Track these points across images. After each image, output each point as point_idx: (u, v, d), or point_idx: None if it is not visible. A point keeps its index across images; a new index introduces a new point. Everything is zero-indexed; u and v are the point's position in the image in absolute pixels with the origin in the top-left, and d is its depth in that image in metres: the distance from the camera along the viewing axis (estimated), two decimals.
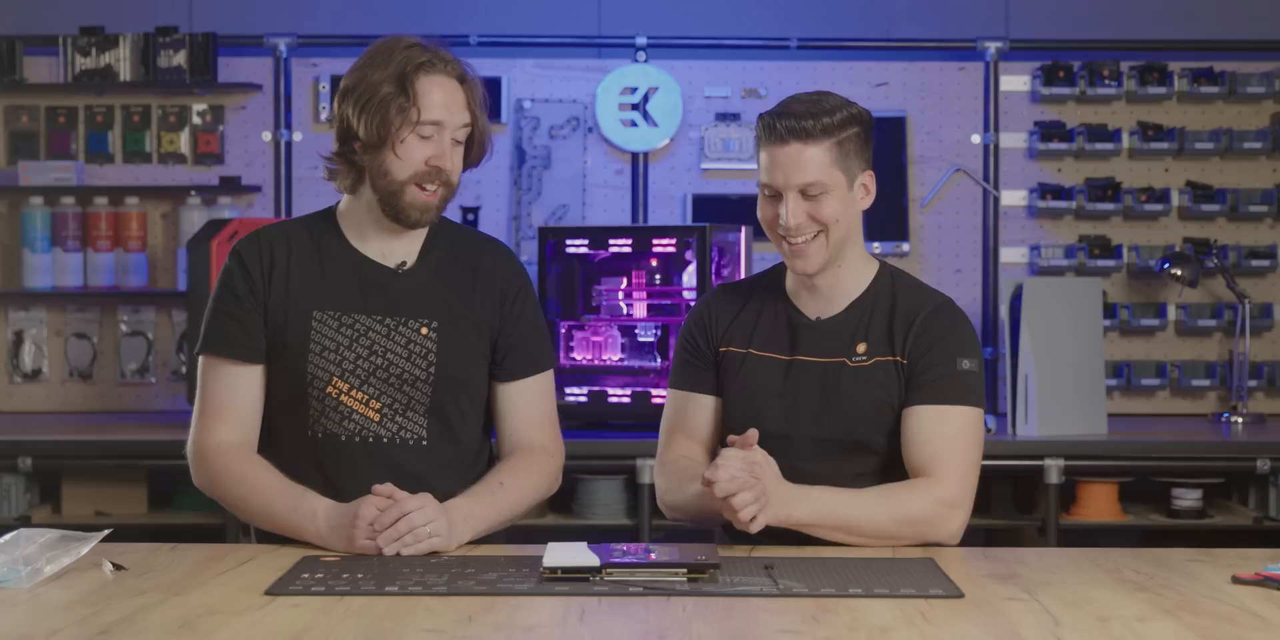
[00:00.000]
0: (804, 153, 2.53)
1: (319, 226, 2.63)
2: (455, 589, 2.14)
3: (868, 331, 2.62)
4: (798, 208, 2.55)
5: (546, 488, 2.66)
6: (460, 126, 2.55)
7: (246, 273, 2.58)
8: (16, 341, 5.18)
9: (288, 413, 2.58)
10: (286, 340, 2.55)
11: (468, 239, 2.71)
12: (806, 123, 2.52)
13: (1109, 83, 5.12)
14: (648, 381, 4.52)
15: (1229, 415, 4.91)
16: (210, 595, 2.13)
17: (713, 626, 1.95)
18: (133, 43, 5.04)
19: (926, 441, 2.54)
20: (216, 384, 2.56)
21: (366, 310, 2.57)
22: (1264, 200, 5.12)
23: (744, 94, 5.20)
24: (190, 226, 4.98)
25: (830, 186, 2.54)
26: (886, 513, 2.47)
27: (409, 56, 2.53)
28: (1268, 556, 2.40)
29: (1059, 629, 1.95)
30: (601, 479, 4.53)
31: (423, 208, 2.55)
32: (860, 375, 2.60)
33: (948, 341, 2.58)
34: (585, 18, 5.32)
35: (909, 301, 2.63)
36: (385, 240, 2.61)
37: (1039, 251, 5.15)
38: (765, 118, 2.57)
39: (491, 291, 2.64)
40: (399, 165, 2.52)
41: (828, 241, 2.57)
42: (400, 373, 2.56)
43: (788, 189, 2.55)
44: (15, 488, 4.45)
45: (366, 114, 2.51)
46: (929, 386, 2.56)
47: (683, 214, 5.17)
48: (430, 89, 2.52)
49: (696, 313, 2.75)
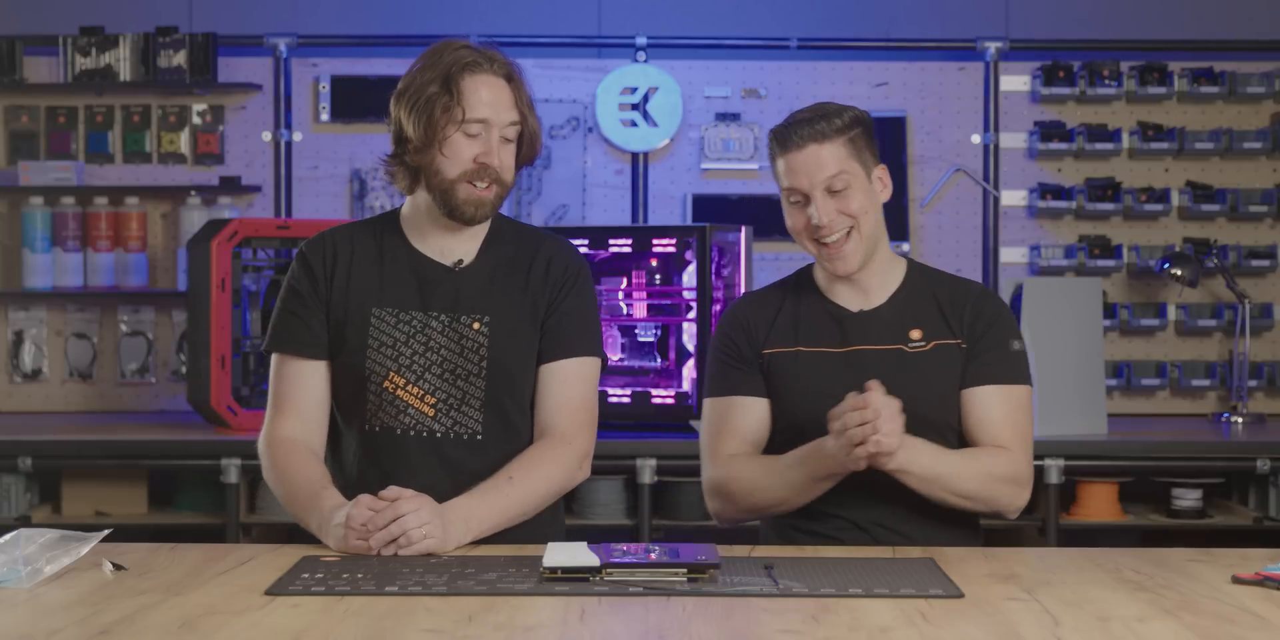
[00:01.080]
0: (821, 151, 2.62)
1: (382, 228, 2.70)
2: (455, 589, 2.14)
3: (917, 319, 2.69)
4: (827, 205, 2.63)
5: (564, 479, 2.62)
6: (508, 124, 2.59)
7: (310, 272, 2.65)
8: (16, 341, 5.18)
9: (348, 408, 2.64)
10: (346, 336, 2.62)
11: (528, 237, 2.74)
12: (818, 125, 2.63)
13: (1109, 83, 5.12)
14: (648, 381, 4.52)
15: (1229, 415, 4.91)
16: (210, 595, 2.13)
17: (713, 626, 1.95)
18: (133, 43, 5.04)
19: (992, 421, 2.64)
20: (284, 381, 2.64)
21: (423, 307, 2.62)
22: (1264, 200, 5.12)
23: (744, 94, 5.20)
24: (190, 226, 4.98)
25: (852, 178, 2.63)
26: (976, 472, 2.58)
27: (457, 57, 2.58)
28: (1268, 556, 2.40)
29: (1059, 629, 1.95)
30: (602, 479, 4.53)
31: (477, 203, 2.59)
32: (921, 359, 2.66)
33: (999, 324, 2.69)
34: (585, 18, 5.32)
35: (950, 288, 2.74)
36: (444, 239, 2.66)
37: (1039, 251, 5.15)
38: (777, 130, 2.67)
39: (544, 285, 2.67)
40: (448, 164, 2.57)
41: (861, 237, 2.65)
42: (454, 368, 2.60)
43: (814, 188, 2.63)
44: (15, 488, 4.45)
45: (415, 115, 2.57)
46: (989, 367, 2.66)
47: (683, 214, 5.17)
48: (476, 88, 2.56)
49: (731, 319, 2.78)
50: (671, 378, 4.50)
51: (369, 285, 2.64)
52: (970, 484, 2.58)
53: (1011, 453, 2.63)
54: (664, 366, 4.51)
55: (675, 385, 4.48)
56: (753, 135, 5.18)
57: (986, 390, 2.66)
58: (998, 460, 2.61)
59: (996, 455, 2.62)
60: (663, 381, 4.50)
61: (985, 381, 2.66)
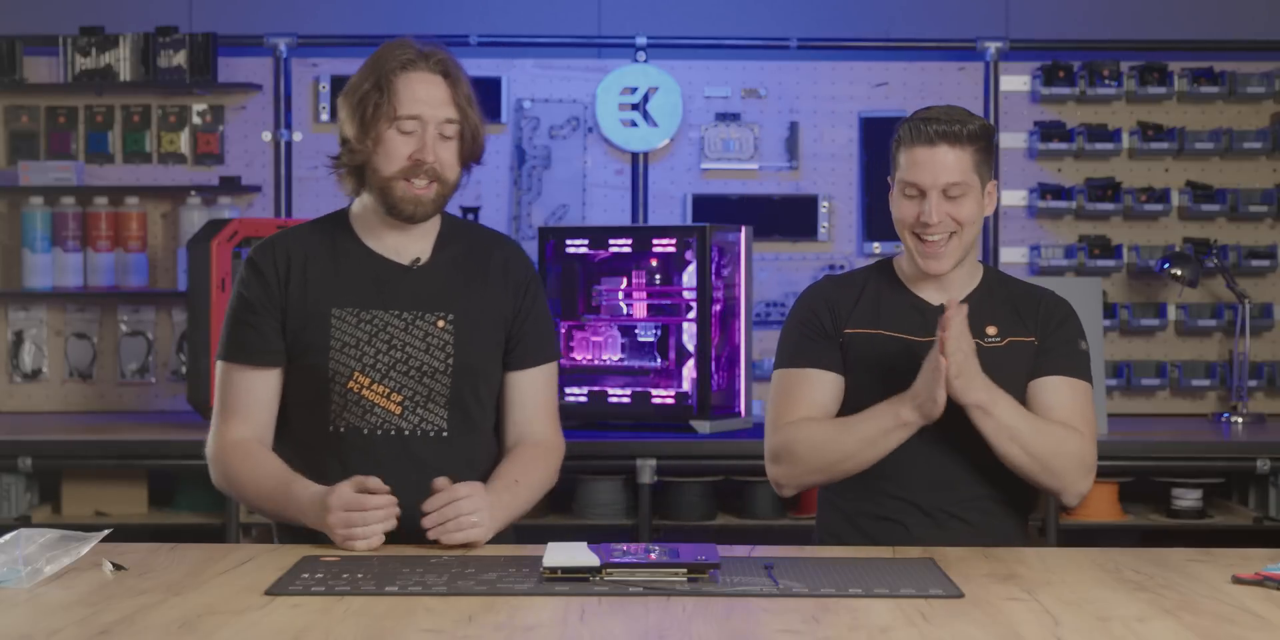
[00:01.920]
0: (950, 155, 2.68)
1: (332, 228, 2.69)
2: (455, 589, 2.14)
3: (993, 315, 2.76)
4: (940, 207, 2.68)
5: (550, 483, 2.71)
6: (444, 121, 2.58)
7: (262, 278, 2.63)
8: (16, 341, 5.18)
9: (310, 409, 2.63)
10: (307, 338, 2.60)
11: (481, 236, 2.77)
12: (955, 127, 2.68)
13: (1109, 83, 5.12)
14: (648, 381, 4.51)
15: (1229, 415, 4.91)
16: (210, 595, 2.13)
17: (713, 626, 1.95)
18: (133, 43, 5.03)
19: (1062, 406, 2.70)
20: (234, 388, 2.64)
21: (384, 305, 2.62)
22: (1264, 200, 5.12)
23: (744, 94, 5.20)
24: (190, 226, 4.98)
25: (969, 188, 2.70)
26: (1053, 437, 2.63)
27: (394, 56, 2.59)
28: (1268, 556, 2.40)
29: (1059, 629, 1.95)
30: (602, 479, 4.52)
31: (415, 201, 2.59)
32: (996, 354, 2.71)
33: (1070, 325, 2.79)
34: (585, 18, 5.32)
35: (1025, 290, 2.83)
36: (396, 238, 2.66)
37: (1039, 251, 5.15)
38: (911, 122, 2.72)
39: (504, 284, 2.70)
40: (384, 161, 2.58)
41: (961, 243, 2.71)
42: (420, 365, 2.61)
43: (933, 188, 2.68)
44: (15, 488, 4.45)
45: (352, 114, 2.59)
46: (1059, 360, 2.73)
47: (683, 214, 5.17)
48: (410, 85, 2.57)
49: (815, 294, 2.84)
50: (671, 378, 4.50)
51: (326, 286, 2.63)
52: (1044, 445, 2.63)
53: (1084, 436, 2.68)
54: (664, 366, 4.51)
55: (675, 385, 4.48)
56: (753, 135, 5.18)
57: (1054, 380, 2.72)
58: (1073, 437, 2.66)
59: (1072, 432, 2.67)
60: (663, 381, 4.50)
61: (1055, 372, 2.72)
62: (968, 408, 2.60)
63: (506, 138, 5.17)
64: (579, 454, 4.36)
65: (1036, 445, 2.62)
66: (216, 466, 2.63)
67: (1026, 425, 2.63)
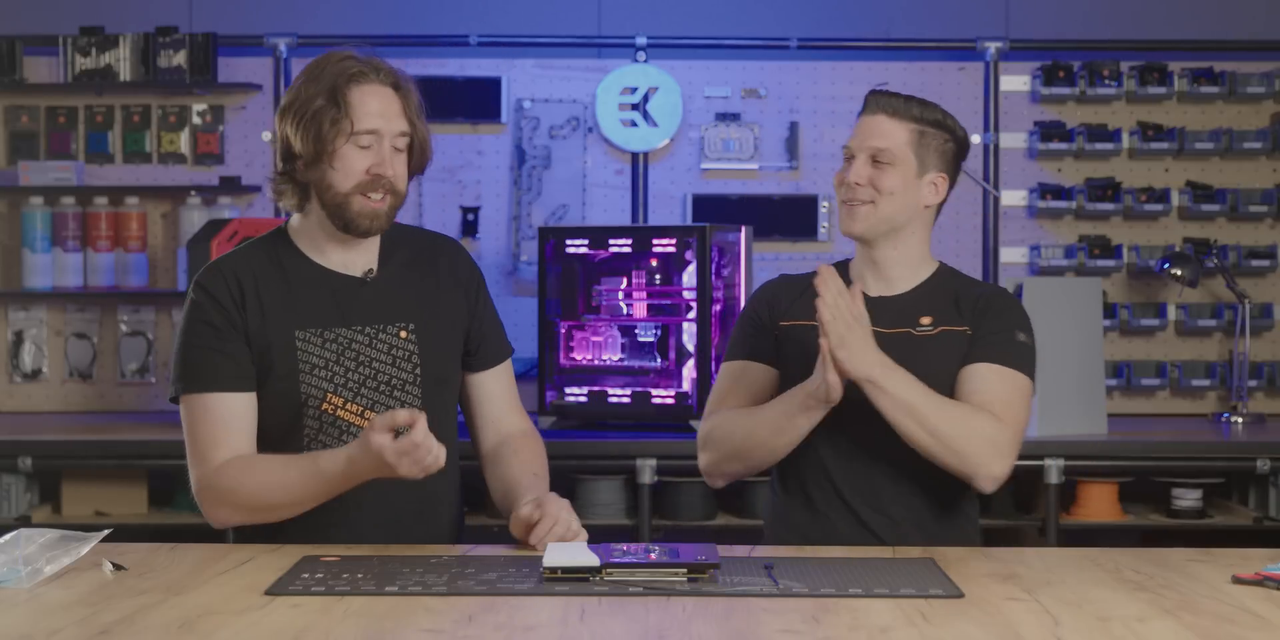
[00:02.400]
0: (887, 124, 2.73)
1: (275, 248, 2.62)
2: (455, 589, 2.14)
3: (930, 307, 2.74)
4: (863, 169, 2.72)
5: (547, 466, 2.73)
6: (398, 134, 2.56)
7: (219, 304, 2.55)
8: (16, 341, 5.18)
9: (283, 433, 2.57)
10: (273, 364, 2.54)
11: (422, 240, 2.73)
12: (898, 102, 2.73)
13: (1109, 83, 5.12)
14: (648, 381, 4.51)
15: (1229, 415, 4.91)
16: (210, 595, 2.13)
17: (713, 626, 1.95)
18: (133, 43, 5.03)
19: (985, 391, 2.63)
20: (210, 419, 2.52)
21: (344, 322, 2.58)
22: (1264, 200, 5.12)
23: (744, 94, 5.20)
24: (190, 226, 4.98)
25: (898, 160, 2.71)
26: (955, 415, 2.56)
27: (341, 69, 2.54)
28: (1268, 556, 2.40)
29: (1059, 629, 1.95)
30: (601, 479, 4.53)
31: (372, 215, 2.55)
32: (926, 343, 2.70)
33: (1008, 316, 2.73)
34: (585, 18, 5.32)
35: (970, 286, 2.80)
36: (344, 252, 2.61)
37: (1039, 251, 5.15)
38: (868, 95, 2.77)
39: (456, 287, 2.69)
40: (340, 177, 2.53)
41: (876, 211, 2.72)
42: (389, 379, 2.59)
43: (860, 150, 2.73)
44: (15, 488, 4.45)
45: (303, 129, 2.52)
46: (989, 348, 2.68)
47: (683, 214, 5.17)
48: (364, 98, 2.53)
49: (759, 293, 2.89)
50: (671, 378, 4.50)
51: (284, 308, 2.56)
52: (946, 423, 2.54)
53: (999, 420, 2.59)
54: (664, 366, 4.51)
55: (675, 385, 4.48)
56: (753, 135, 5.18)
57: (983, 367, 2.66)
58: (981, 416, 2.58)
59: (981, 412, 2.59)
60: (663, 381, 4.50)
61: (983, 360, 2.66)
62: (860, 384, 2.54)
63: (506, 138, 5.17)
64: (579, 454, 4.38)
65: (937, 422, 2.54)
66: (211, 493, 2.50)
67: (925, 400, 2.55)
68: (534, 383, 4.59)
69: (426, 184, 5.13)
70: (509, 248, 5.17)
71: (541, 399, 4.56)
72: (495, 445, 2.71)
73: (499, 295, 5.10)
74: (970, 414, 2.59)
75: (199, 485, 2.52)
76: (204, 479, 2.51)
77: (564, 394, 4.56)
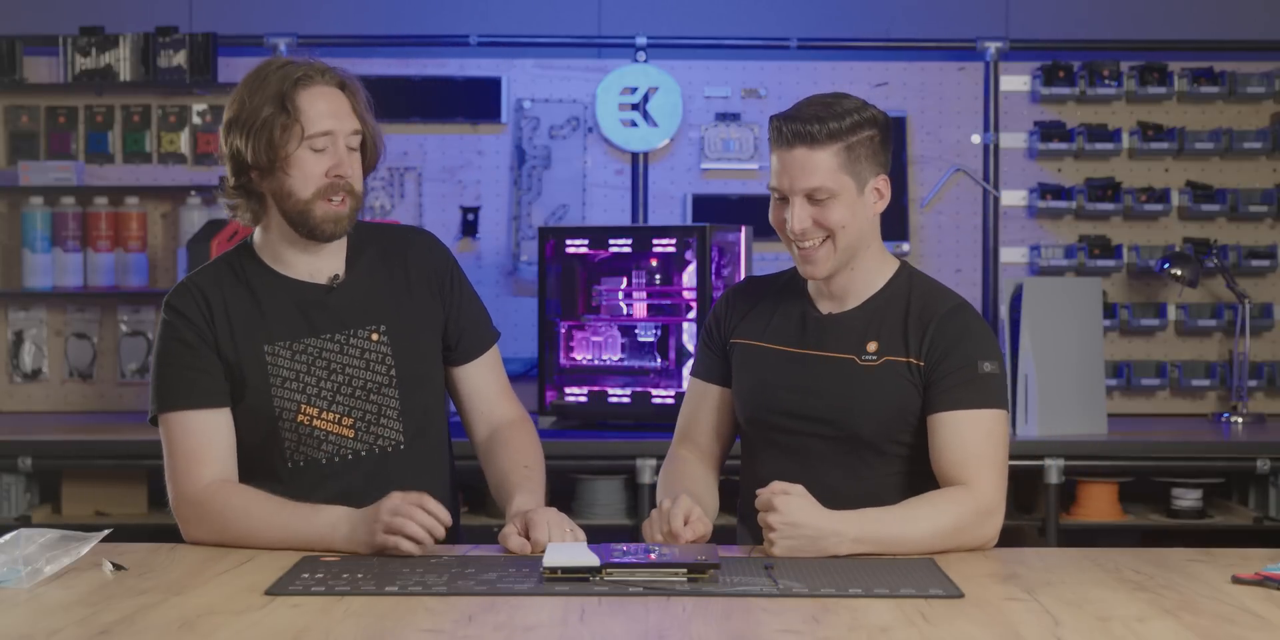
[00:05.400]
0: (810, 158, 2.50)
1: (240, 263, 2.61)
2: (455, 589, 2.14)
3: (879, 331, 2.59)
4: (803, 212, 2.53)
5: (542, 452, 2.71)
6: (351, 132, 2.53)
7: (190, 323, 2.54)
8: (16, 341, 5.18)
9: (262, 447, 2.56)
10: (245, 379, 2.53)
11: (389, 236, 2.70)
12: (812, 127, 2.50)
13: (1109, 83, 5.12)
14: (648, 381, 4.51)
15: (1229, 415, 4.91)
16: (210, 595, 2.13)
17: (713, 626, 1.95)
18: (133, 43, 5.03)
19: (955, 448, 2.51)
20: (190, 435, 2.51)
21: (313, 332, 2.57)
22: (1264, 200, 5.12)
23: (744, 94, 5.20)
24: (190, 226, 4.98)
25: (837, 191, 2.52)
26: (928, 528, 2.43)
27: (284, 74, 2.51)
28: (1268, 556, 2.40)
29: (1059, 629, 1.95)
30: (601, 479, 4.53)
31: (335, 218, 2.52)
32: (869, 375, 2.58)
33: (966, 345, 2.55)
34: (585, 18, 5.32)
35: (922, 303, 2.61)
36: (309, 260, 2.59)
37: (1039, 251, 5.15)
38: (774, 120, 2.55)
39: (426, 282, 2.66)
40: (299, 183, 2.50)
41: (835, 247, 2.55)
42: (364, 383, 2.57)
43: (793, 193, 2.52)
44: (15, 488, 4.45)
45: (253, 140, 2.49)
46: (951, 391, 2.53)
47: (683, 214, 5.17)
48: (313, 101, 2.50)
49: (716, 305, 2.78)
50: (671, 378, 4.50)
51: (252, 324, 2.55)
52: (927, 541, 2.42)
53: (972, 486, 2.48)
54: (664, 366, 4.51)
55: (675, 385, 4.48)
56: (753, 135, 5.18)
57: (948, 416, 2.52)
58: (949, 506, 2.46)
59: (948, 499, 2.47)
60: (663, 381, 4.50)
61: (947, 407, 2.52)
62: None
63: (506, 138, 5.17)
64: (579, 454, 4.38)
65: (921, 542, 2.41)
66: (192, 515, 2.48)
67: (898, 531, 2.41)
68: (534, 383, 4.60)
69: (426, 184, 5.13)
70: (509, 248, 5.17)
71: (541, 399, 4.56)
72: (487, 437, 2.70)
73: (499, 295, 5.11)
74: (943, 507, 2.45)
75: (179, 501, 2.50)
76: (186, 496, 2.49)
77: (564, 394, 4.56)
